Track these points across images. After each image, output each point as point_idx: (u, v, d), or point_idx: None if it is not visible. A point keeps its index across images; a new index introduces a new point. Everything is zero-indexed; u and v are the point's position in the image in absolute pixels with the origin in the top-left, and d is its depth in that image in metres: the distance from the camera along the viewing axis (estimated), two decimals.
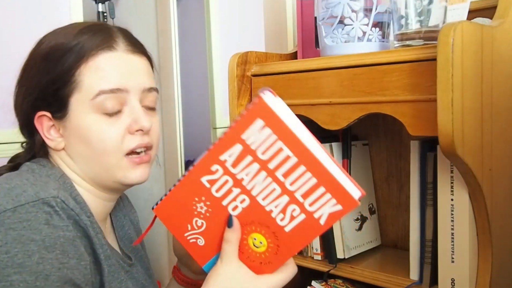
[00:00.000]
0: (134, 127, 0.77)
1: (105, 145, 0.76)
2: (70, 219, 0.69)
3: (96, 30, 0.78)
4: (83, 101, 0.75)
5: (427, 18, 0.82)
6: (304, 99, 0.93)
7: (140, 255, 0.95)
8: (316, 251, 1.08)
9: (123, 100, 0.77)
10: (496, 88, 0.77)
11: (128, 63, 0.78)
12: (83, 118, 0.76)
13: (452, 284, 0.84)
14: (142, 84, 0.80)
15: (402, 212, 1.12)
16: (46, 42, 0.79)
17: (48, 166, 0.79)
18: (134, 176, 0.79)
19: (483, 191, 0.76)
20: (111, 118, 0.76)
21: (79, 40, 0.76)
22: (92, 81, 0.75)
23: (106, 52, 0.77)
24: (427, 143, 0.90)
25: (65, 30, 0.79)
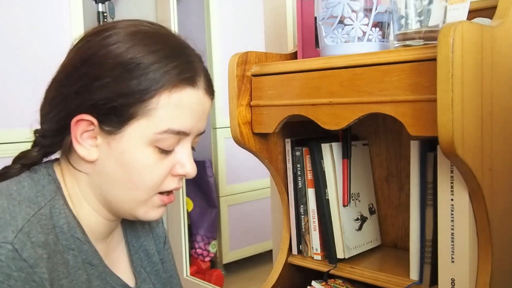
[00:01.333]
0: (180, 171, 0.72)
1: (146, 182, 0.70)
2: (20, 272, 0.60)
3: (184, 59, 0.71)
4: (147, 130, 0.68)
5: (427, 18, 0.82)
6: (304, 99, 0.93)
7: (156, 269, 0.87)
8: (316, 251, 1.08)
9: (180, 141, 0.72)
10: (496, 88, 0.77)
11: (203, 106, 0.73)
12: (136, 146, 0.69)
13: (452, 284, 0.84)
14: (202, 128, 0.75)
15: (402, 212, 1.12)
16: (122, 45, 0.68)
17: (46, 178, 0.72)
18: (154, 216, 0.74)
19: (483, 191, 0.76)
20: (161, 154, 0.70)
21: (168, 65, 0.69)
22: (166, 116, 0.68)
23: (191, 89, 0.70)
24: (427, 143, 0.90)
25: (152, 40, 0.70)
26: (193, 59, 0.73)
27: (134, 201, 0.72)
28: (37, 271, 0.62)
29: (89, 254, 0.72)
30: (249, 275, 2.70)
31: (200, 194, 2.66)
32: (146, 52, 0.68)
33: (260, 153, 1.07)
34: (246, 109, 1.03)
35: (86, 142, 0.70)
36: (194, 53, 0.74)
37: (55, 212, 0.69)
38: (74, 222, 0.71)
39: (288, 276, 1.14)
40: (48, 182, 0.72)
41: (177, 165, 0.72)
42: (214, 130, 2.62)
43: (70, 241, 0.70)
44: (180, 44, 0.73)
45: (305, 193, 1.09)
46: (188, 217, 2.53)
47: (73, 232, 0.70)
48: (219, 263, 2.68)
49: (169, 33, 0.75)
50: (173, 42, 0.73)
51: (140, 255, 0.85)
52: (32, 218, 0.65)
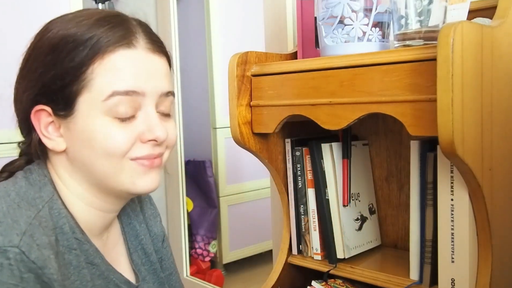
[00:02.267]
0: (148, 136, 0.71)
1: (110, 149, 0.69)
2: (30, 273, 0.61)
3: (114, 23, 0.70)
4: (93, 101, 0.68)
5: (427, 18, 0.82)
6: (304, 99, 0.93)
7: (154, 268, 0.86)
8: (316, 251, 1.08)
9: (137, 104, 0.70)
10: (496, 88, 0.77)
11: (147, 64, 0.71)
12: (90, 120, 0.68)
13: (452, 284, 0.84)
14: (160, 87, 0.72)
15: (402, 212, 1.12)
16: (55, 30, 0.70)
17: (42, 180, 0.72)
18: (143, 184, 0.72)
19: (483, 191, 0.76)
20: (122, 123, 0.69)
21: (95, 33, 0.68)
22: (105, 81, 0.68)
23: (125, 50, 0.69)
24: (427, 143, 0.90)
25: (78, 18, 0.70)
26: (126, 22, 0.72)
27: (112, 174, 0.70)
28: (46, 272, 0.62)
29: (90, 253, 0.72)
30: (249, 275, 2.70)
31: (200, 194, 2.65)
32: (71, 28, 0.69)
33: (260, 153, 1.07)
34: (246, 109, 1.03)
35: (52, 134, 0.71)
36: (129, 17, 0.74)
37: (54, 213, 0.69)
38: (73, 222, 0.71)
39: (288, 276, 1.14)
40: (45, 183, 0.72)
41: (145, 131, 0.71)
42: (214, 130, 2.62)
43: (71, 241, 0.69)
44: (111, 13, 0.73)
45: (305, 193, 1.09)
46: (188, 217, 2.53)
47: (73, 232, 0.70)
48: (219, 263, 2.68)
49: (103, 10, 0.76)
50: (102, 13, 0.73)
51: (139, 254, 0.85)
52: (33, 221, 0.65)
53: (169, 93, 0.74)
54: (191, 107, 2.59)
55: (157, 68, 0.73)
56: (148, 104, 0.71)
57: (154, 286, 0.86)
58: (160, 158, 0.74)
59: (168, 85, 0.74)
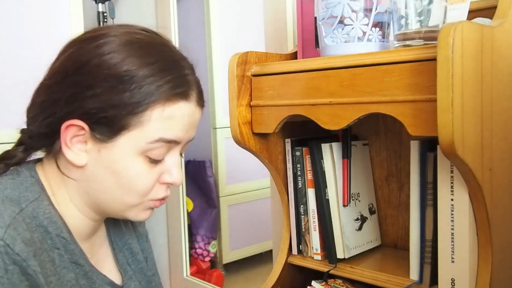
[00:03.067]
0: (167, 179, 0.74)
1: (136, 189, 0.71)
2: (15, 265, 0.61)
3: (178, 73, 0.71)
4: (138, 140, 0.69)
5: (427, 18, 0.82)
6: (304, 99, 0.93)
7: (141, 267, 0.88)
8: (316, 251, 1.08)
9: (170, 149, 0.73)
10: (496, 88, 0.77)
11: (194, 117, 0.74)
12: (127, 155, 0.70)
13: (452, 284, 0.84)
14: (192, 137, 0.76)
15: (402, 212, 1.12)
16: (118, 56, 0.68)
17: (29, 180, 0.72)
18: (144, 217, 0.76)
19: (483, 191, 0.76)
20: (152, 164, 0.71)
21: (162, 79, 0.69)
22: (158, 127, 0.69)
23: (183, 102, 0.71)
24: (427, 143, 0.90)
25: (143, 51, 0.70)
26: (187, 72, 0.73)
27: (125, 206, 0.73)
28: (31, 264, 0.63)
29: (75, 253, 0.72)
30: (249, 275, 2.70)
31: (200, 194, 2.66)
32: (140, 64, 0.68)
33: (260, 153, 1.07)
34: (246, 109, 1.03)
35: (75, 146, 0.70)
36: (188, 64, 0.75)
37: (40, 212, 0.69)
38: (60, 222, 0.71)
39: (288, 276, 1.14)
40: (32, 183, 0.72)
41: (166, 173, 0.73)
42: (214, 130, 2.62)
43: (55, 240, 0.70)
44: (174, 56, 0.73)
45: (305, 193, 1.09)
46: (188, 217, 2.53)
47: (59, 232, 0.70)
48: (219, 263, 2.68)
49: (164, 42, 0.75)
50: (167, 54, 0.73)
51: (125, 254, 0.86)
52: (17, 216, 0.65)
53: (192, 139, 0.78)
54: None
55: (197, 120, 0.76)
56: (177, 149, 0.74)
57: (141, 284, 0.86)
58: None
59: (195, 132, 0.77)
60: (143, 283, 0.87)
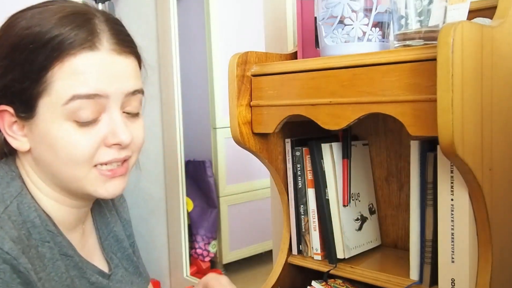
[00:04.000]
0: (111, 140, 0.68)
1: (73, 157, 0.67)
2: (5, 264, 0.61)
3: (78, 23, 0.66)
4: (53, 105, 0.66)
5: (427, 18, 0.82)
6: (304, 99, 0.93)
7: (127, 254, 0.87)
8: (316, 251, 1.08)
9: (101, 107, 0.67)
10: (496, 88, 0.77)
11: (112, 66, 0.68)
12: (51, 125, 0.66)
13: (452, 284, 0.84)
14: (125, 88, 0.69)
15: (402, 212, 1.12)
16: (17, 27, 0.67)
17: (9, 175, 0.71)
18: (105, 192, 0.71)
19: (483, 191, 0.76)
20: (84, 128, 0.67)
21: (57, 33, 0.65)
22: (66, 84, 0.65)
23: (87, 53, 0.66)
24: (427, 143, 0.90)
25: (42, 14, 0.67)
26: (91, 21, 0.68)
27: (76, 180, 0.69)
28: (21, 262, 0.62)
29: (63, 245, 0.71)
30: (249, 275, 2.70)
31: (200, 194, 2.65)
32: (35, 24, 0.66)
33: (260, 153, 1.07)
34: (246, 109, 1.03)
35: (17, 133, 0.70)
36: (96, 14, 0.69)
37: (24, 207, 0.68)
38: (44, 215, 0.70)
39: (288, 276, 1.14)
40: (12, 178, 0.71)
41: (109, 135, 0.68)
42: (214, 130, 2.62)
43: (43, 234, 0.69)
44: (77, 9, 0.69)
45: (305, 193, 1.09)
46: (188, 217, 2.53)
47: (45, 225, 0.70)
48: (219, 263, 2.68)
49: (71, 4, 0.71)
50: (68, 9, 0.68)
51: (110, 242, 0.85)
52: (2, 215, 0.65)
53: (136, 92, 0.71)
54: (191, 107, 2.59)
55: (122, 69, 0.69)
56: (112, 106, 0.68)
57: (128, 272, 0.86)
58: (126, 163, 0.72)
59: (134, 84, 0.71)
60: (130, 269, 0.86)
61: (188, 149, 2.33)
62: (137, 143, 0.73)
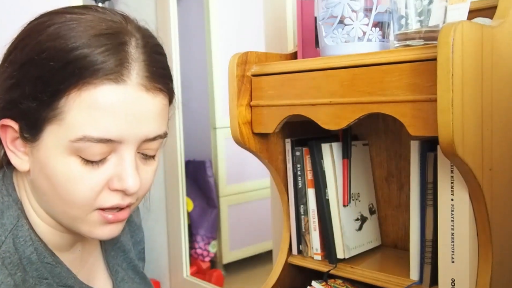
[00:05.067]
0: (116, 185, 0.59)
1: (72, 197, 0.59)
2: None
3: (110, 47, 0.56)
4: (60, 137, 0.57)
5: (427, 18, 0.82)
6: (304, 99, 0.93)
7: (133, 265, 0.81)
8: (316, 251, 1.08)
9: (112, 148, 0.58)
10: (496, 88, 0.77)
11: (135, 106, 0.57)
12: (53, 156, 0.58)
13: (452, 284, 0.84)
14: (145, 133, 0.60)
15: (402, 212, 1.12)
16: (44, 33, 0.58)
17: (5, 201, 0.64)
18: (100, 234, 0.63)
19: (483, 191, 0.76)
20: (89, 165, 0.58)
21: (82, 55, 0.55)
22: (78, 120, 0.56)
23: (111, 85, 0.56)
24: (427, 143, 0.90)
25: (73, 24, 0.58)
26: (125, 45, 0.58)
27: (70, 218, 0.61)
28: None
29: (63, 276, 0.65)
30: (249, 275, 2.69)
31: (200, 194, 2.65)
32: (61, 36, 0.57)
33: (260, 153, 1.07)
34: (246, 109, 1.03)
35: (19, 150, 0.62)
36: (132, 37, 0.59)
37: (20, 242, 0.62)
38: (42, 247, 0.63)
39: (288, 276, 1.14)
40: (8, 206, 0.63)
41: (115, 178, 0.59)
42: (214, 130, 2.62)
43: (41, 270, 0.63)
44: (112, 28, 0.58)
45: (305, 193, 1.09)
46: (188, 217, 2.53)
47: (43, 258, 0.63)
48: (219, 263, 2.68)
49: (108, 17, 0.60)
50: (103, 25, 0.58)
51: (116, 252, 0.79)
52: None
53: (158, 137, 0.62)
54: (191, 107, 2.59)
55: (147, 111, 0.59)
56: (125, 149, 0.59)
57: (135, 282, 0.81)
58: (128, 208, 0.63)
59: (157, 129, 0.61)
60: (137, 279, 0.82)
61: (188, 149, 2.33)
62: (144, 190, 0.64)
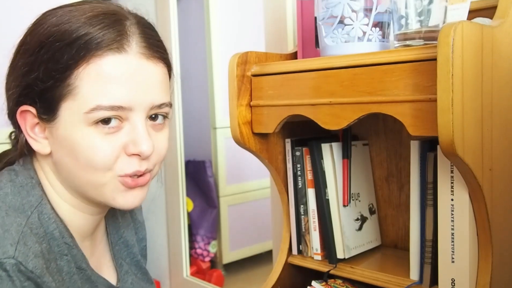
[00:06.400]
0: (132, 149, 0.65)
1: (93, 162, 0.64)
2: (29, 281, 0.60)
3: (108, 23, 0.64)
4: (75, 111, 0.64)
5: (427, 18, 0.82)
6: (304, 99, 0.93)
7: (136, 260, 0.85)
8: (316, 251, 1.08)
9: (124, 116, 0.65)
10: (496, 88, 0.77)
11: (139, 73, 0.65)
12: (72, 129, 0.64)
13: (452, 284, 0.84)
14: (151, 100, 0.66)
15: (402, 212, 1.12)
16: (45, 25, 0.65)
17: (29, 182, 0.69)
18: (123, 201, 0.68)
19: (483, 191, 0.76)
20: (105, 134, 0.64)
21: (85, 32, 0.63)
22: (90, 92, 0.63)
23: (114, 54, 0.63)
24: (427, 143, 0.90)
25: (73, 12, 0.65)
26: (121, 22, 0.66)
27: (94, 186, 0.67)
28: (45, 281, 0.61)
29: (78, 258, 0.70)
30: (249, 275, 2.69)
31: (200, 194, 2.65)
32: (64, 22, 0.64)
33: (260, 153, 1.07)
34: (246, 109, 1.03)
35: (38, 136, 0.68)
36: (127, 15, 0.68)
37: (44, 218, 0.67)
38: (62, 226, 0.68)
39: (288, 276, 1.14)
40: (32, 186, 0.69)
41: (130, 143, 0.65)
42: (214, 130, 2.62)
43: (62, 247, 0.67)
44: (108, 10, 0.67)
45: (305, 193, 1.09)
46: (188, 217, 2.53)
47: (63, 237, 0.68)
48: (219, 263, 2.68)
49: (102, 4, 0.69)
50: (98, 9, 0.66)
51: (120, 247, 0.83)
52: (24, 229, 0.63)
53: (163, 105, 0.68)
54: (191, 107, 2.59)
55: (150, 77, 0.66)
56: (136, 116, 0.66)
57: (137, 277, 0.84)
58: (148, 174, 0.69)
59: (162, 97, 0.68)
60: (139, 275, 0.85)
61: (188, 149, 2.33)
62: (159, 155, 0.70)
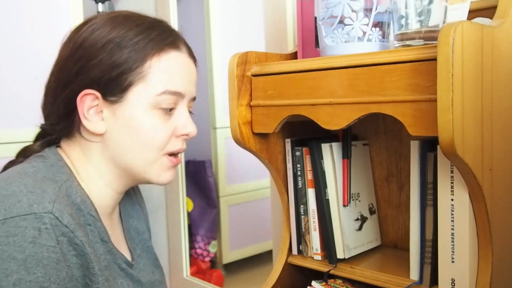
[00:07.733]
0: (182, 131, 0.81)
1: (152, 141, 0.78)
2: (63, 237, 0.67)
3: (164, 28, 0.81)
4: (146, 93, 0.77)
5: (427, 18, 0.82)
6: (304, 99, 0.93)
7: (147, 245, 0.95)
8: (316, 251, 1.08)
9: (177, 102, 0.80)
10: (496, 88, 0.77)
11: (189, 68, 0.82)
12: (139, 110, 0.77)
13: (452, 284, 0.84)
14: (193, 92, 0.84)
15: (402, 212, 1.12)
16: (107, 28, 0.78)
17: (59, 163, 0.78)
18: (165, 177, 0.82)
19: (483, 191, 0.76)
20: (165, 117, 0.79)
21: (151, 34, 0.78)
22: (160, 78, 0.77)
23: (175, 51, 0.80)
24: (427, 143, 0.90)
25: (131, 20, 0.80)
26: (170, 28, 0.83)
27: (145, 163, 0.79)
28: (78, 235, 0.69)
29: (101, 230, 0.77)
30: (249, 275, 2.70)
31: (200, 194, 2.65)
32: (127, 28, 0.78)
33: (260, 153, 1.07)
34: (246, 109, 1.03)
35: (93, 117, 0.78)
36: (169, 24, 0.84)
37: (72, 192, 0.74)
38: (89, 201, 0.77)
39: (288, 276, 1.14)
40: (61, 166, 0.77)
41: (179, 126, 0.81)
42: (214, 130, 2.62)
43: (87, 217, 0.75)
44: (155, 19, 0.83)
45: (305, 193, 1.09)
46: (188, 217, 2.53)
47: (89, 210, 0.76)
48: (219, 263, 2.68)
49: (142, 14, 0.84)
50: (149, 18, 0.82)
51: (132, 234, 0.92)
52: (58, 192, 0.71)
53: (195, 98, 0.86)
54: None
55: (194, 73, 0.84)
56: (183, 104, 0.82)
57: (148, 262, 0.93)
58: (180, 155, 0.84)
59: (195, 91, 0.86)
60: (151, 261, 0.94)
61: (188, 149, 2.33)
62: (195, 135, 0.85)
